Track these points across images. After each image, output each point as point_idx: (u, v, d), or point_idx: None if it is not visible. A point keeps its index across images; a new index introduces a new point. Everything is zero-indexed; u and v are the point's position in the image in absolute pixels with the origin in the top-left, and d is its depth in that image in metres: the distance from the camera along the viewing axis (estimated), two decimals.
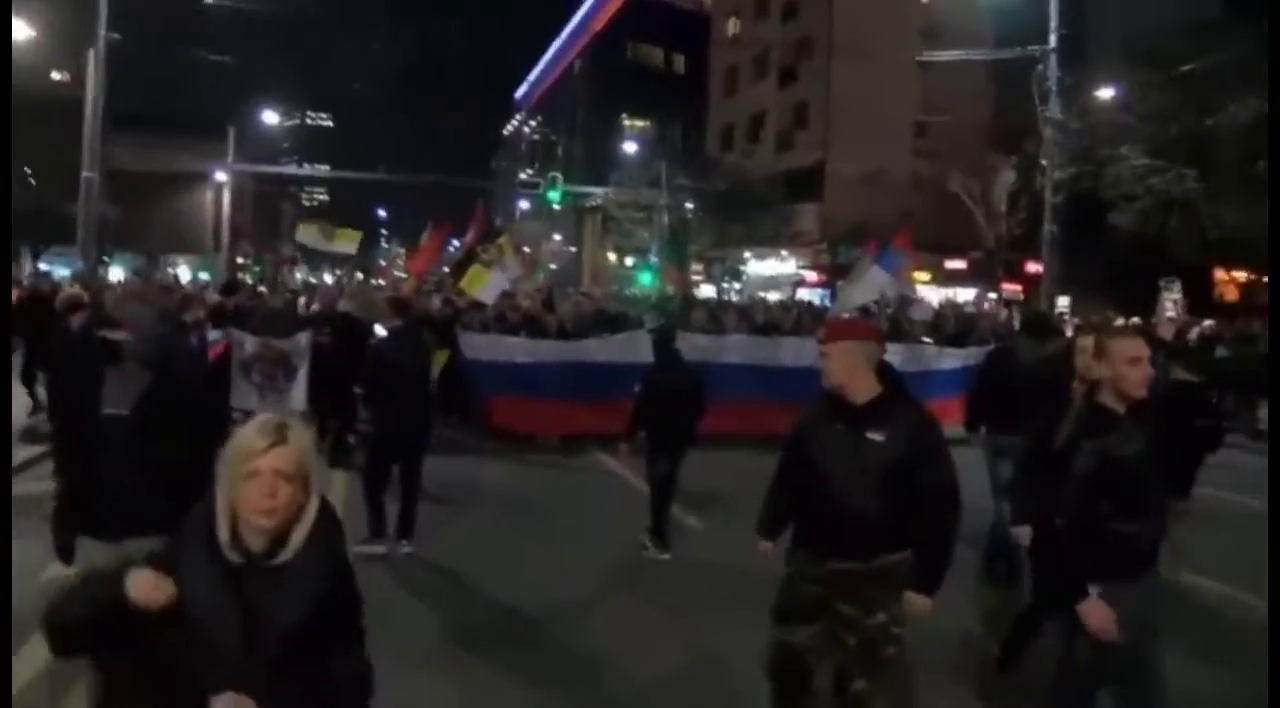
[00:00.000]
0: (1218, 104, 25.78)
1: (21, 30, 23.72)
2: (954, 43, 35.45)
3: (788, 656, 4.74)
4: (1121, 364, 4.36)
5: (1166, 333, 11.63)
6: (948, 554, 4.56)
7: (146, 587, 2.42)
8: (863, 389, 4.58)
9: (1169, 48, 28.15)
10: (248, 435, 2.55)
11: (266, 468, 2.48)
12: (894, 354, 15.36)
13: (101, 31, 19.27)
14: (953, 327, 19.78)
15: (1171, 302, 23.44)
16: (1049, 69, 22.42)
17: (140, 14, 20.86)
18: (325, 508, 2.66)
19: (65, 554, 4.74)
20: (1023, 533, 5.43)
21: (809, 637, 4.67)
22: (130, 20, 21.38)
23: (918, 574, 4.52)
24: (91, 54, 19.37)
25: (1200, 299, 28.02)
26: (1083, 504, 4.28)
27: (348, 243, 23.79)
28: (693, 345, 13.04)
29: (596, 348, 15.62)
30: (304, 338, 12.95)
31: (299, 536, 2.56)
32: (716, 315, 19.58)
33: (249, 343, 12.72)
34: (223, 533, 2.55)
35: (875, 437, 4.47)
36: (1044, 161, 22.86)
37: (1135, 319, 22.72)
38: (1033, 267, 37.55)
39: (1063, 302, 37.39)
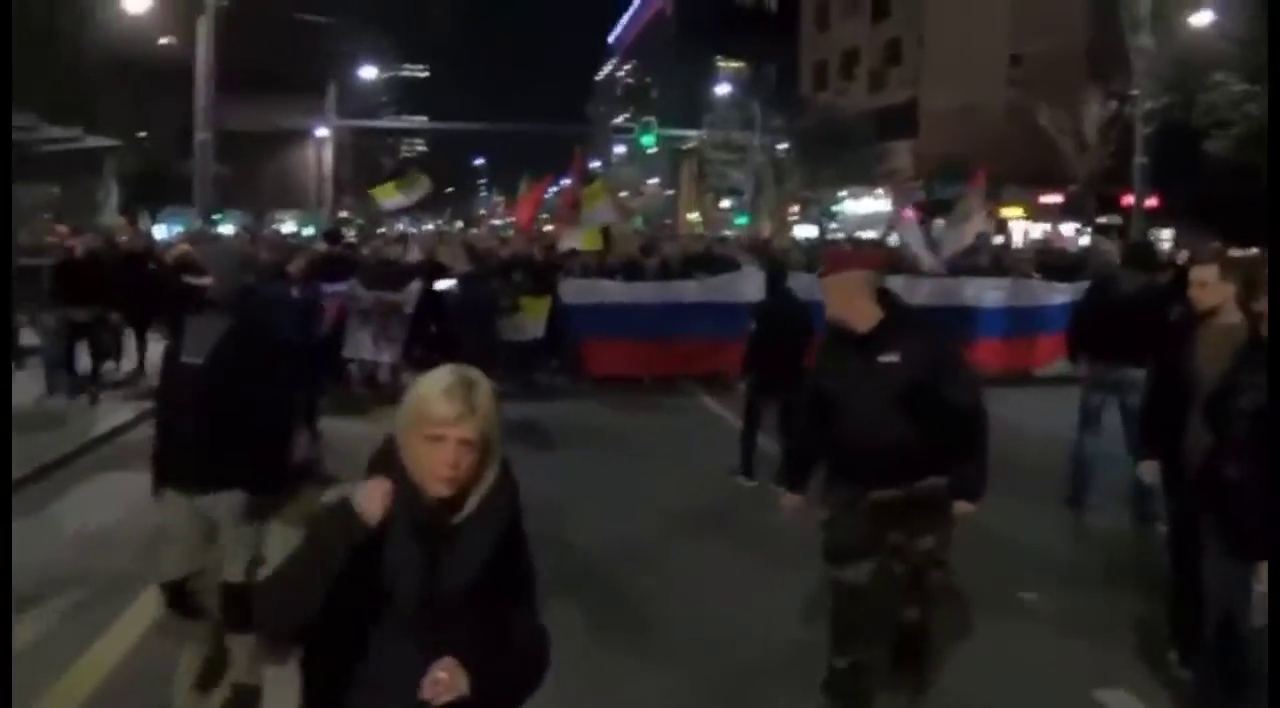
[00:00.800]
0: None
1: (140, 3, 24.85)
2: None
3: (850, 593, 4.81)
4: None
5: None
6: (984, 463, 4.68)
7: (378, 492, 2.37)
8: (864, 317, 4.68)
9: None
10: (434, 398, 2.40)
11: (453, 437, 2.37)
12: (999, 289, 16.02)
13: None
14: (1060, 260, 19.67)
15: None
16: None
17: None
18: (505, 473, 2.57)
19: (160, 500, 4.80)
20: (1149, 467, 5.73)
21: (867, 574, 4.76)
22: None
23: (960, 485, 4.67)
24: (201, 21, 20.12)
25: None
26: (1257, 445, 4.01)
27: (420, 189, 24.44)
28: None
29: (694, 289, 15.72)
30: (415, 286, 13.29)
31: (474, 500, 2.48)
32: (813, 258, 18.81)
33: (364, 296, 13.23)
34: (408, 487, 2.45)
35: (888, 359, 4.57)
36: (1135, 91, 22.69)
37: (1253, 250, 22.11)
38: (1128, 199, 37.02)
39: (1165, 234, 36.85)
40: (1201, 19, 26.76)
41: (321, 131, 48.19)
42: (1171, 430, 5.18)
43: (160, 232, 40.31)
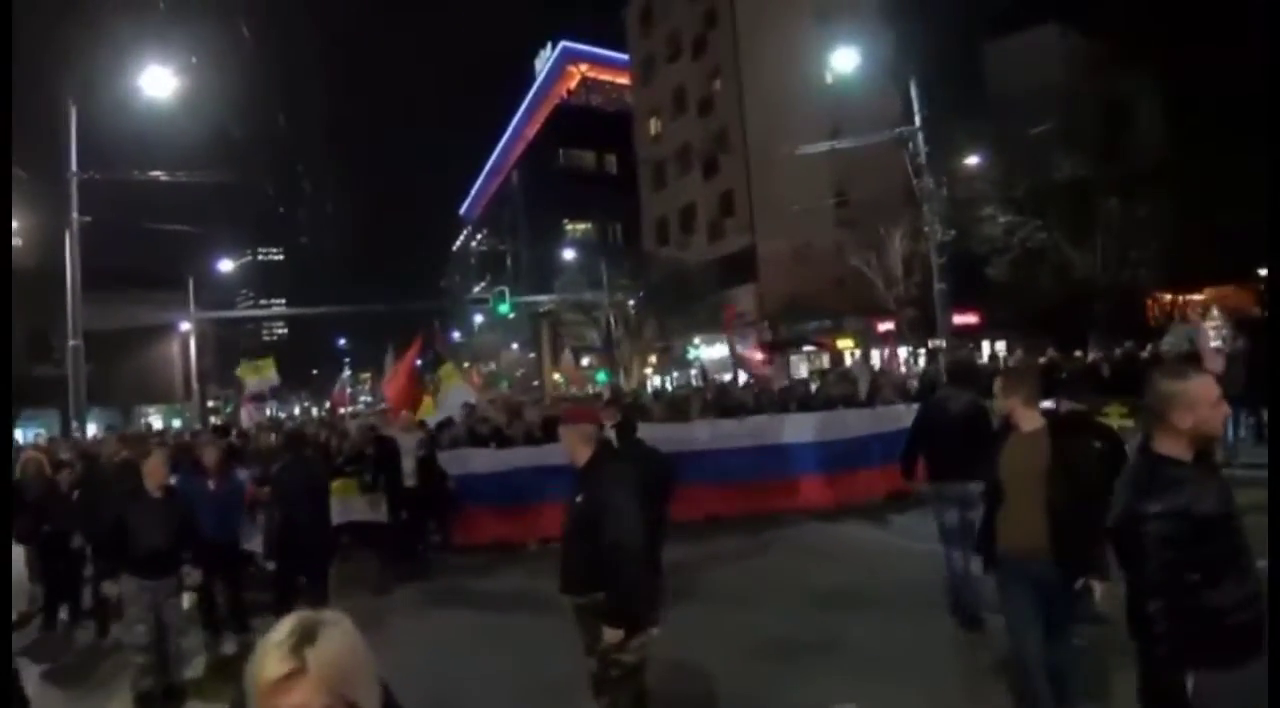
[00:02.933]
0: (1051, 163, 29.41)
1: None
2: (862, 113, 37.89)
3: None
4: (1204, 408, 3.92)
5: (1215, 365, 11.41)
6: (622, 590, 5.52)
7: None
8: (580, 458, 5.94)
9: (1013, 113, 32.15)
10: (263, 655, 2.12)
11: (285, 706, 2.06)
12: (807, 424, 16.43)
13: (74, 215, 21.27)
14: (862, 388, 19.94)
15: (1213, 329, 25.79)
16: (918, 146, 25.27)
17: (94, 189, 22.49)
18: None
19: None
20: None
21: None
22: (84, 192, 22.75)
23: (610, 603, 5.55)
24: (67, 236, 21.31)
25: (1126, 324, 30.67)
26: (1167, 577, 3.72)
27: (268, 372, 25.21)
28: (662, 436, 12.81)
29: (559, 453, 15.80)
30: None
31: None
32: (678, 405, 19.51)
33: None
34: None
35: (578, 498, 5.80)
36: (925, 228, 25.55)
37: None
38: (960, 318, 40.15)
39: (1000, 346, 40.19)
40: (971, 160, 30.69)
41: (184, 325, 49.00)
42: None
43: (20, 436, 40.45)
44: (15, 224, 25.88)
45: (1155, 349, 23.99)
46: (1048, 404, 12.88)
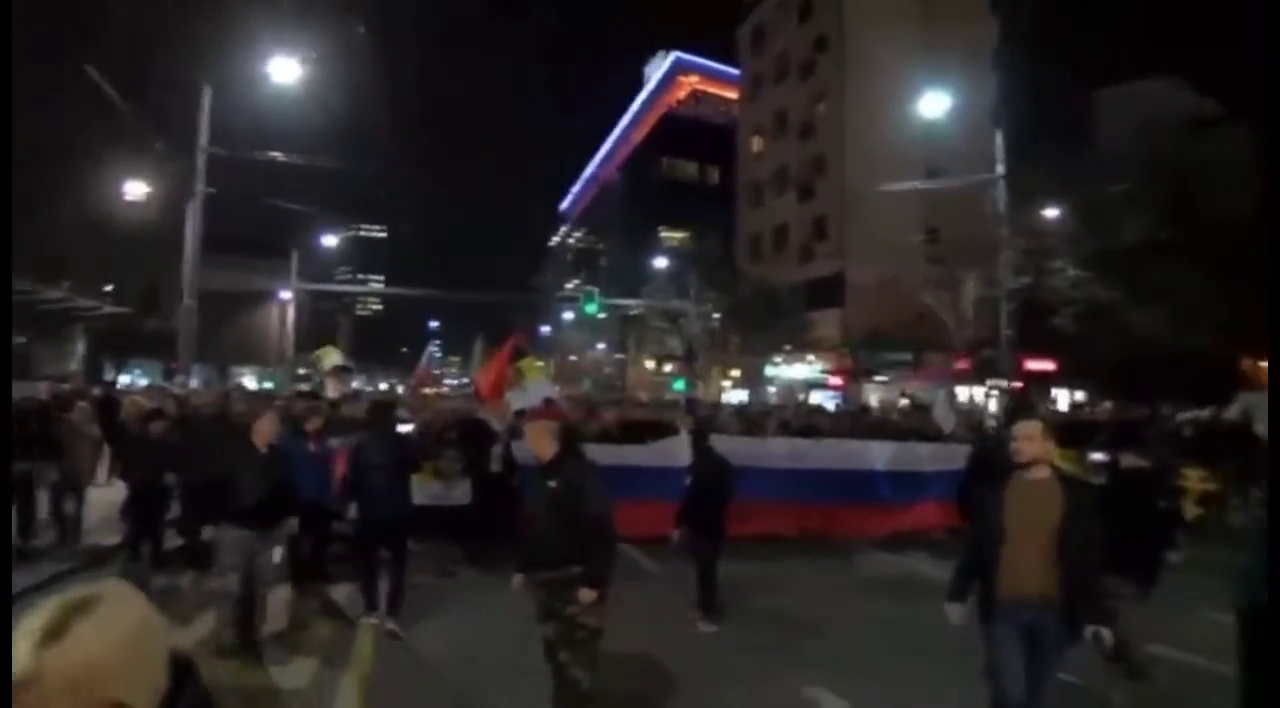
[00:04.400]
0: (1122, 222, 29.94)
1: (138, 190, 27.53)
2: (961, 152, 38.40)
3: None
4: None
5: None
6: (601, 560, 6.32)
7: None
8: (546, 452, 6.66)
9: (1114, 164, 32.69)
10: (13, 649, 1.77)
11: None
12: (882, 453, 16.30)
13: (199, 186, 22.93)
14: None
15: None
16: (998, 194, 26.00)
17: (216, 162, 24.02)
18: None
19: None
20: (950, 610, 6.11)
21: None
22: (209, 165, 24.38)
23: (586, 574, 6.26)
24: (190, 205, 22.98)
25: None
26: None
27: (333, 357, 26.51)
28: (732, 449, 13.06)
29: (634, 453, 15.65)
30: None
31: None
32: (756, 421, 19.89)
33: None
34: None
35: (550, 483, 6.51)
36: (1000, 274, 26.26)
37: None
38: (1032, 364, 40.60)
39: (1065, 394, 40.59)
40: (1050, 212, 31.28)
41: (284, 294, 50.98)
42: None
43: (126, 380, 42.60)
44: (145, 189, 27.72)
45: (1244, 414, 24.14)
46: (1099, 457, 13.46)
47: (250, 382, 50.86)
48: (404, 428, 14.27)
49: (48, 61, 24.54)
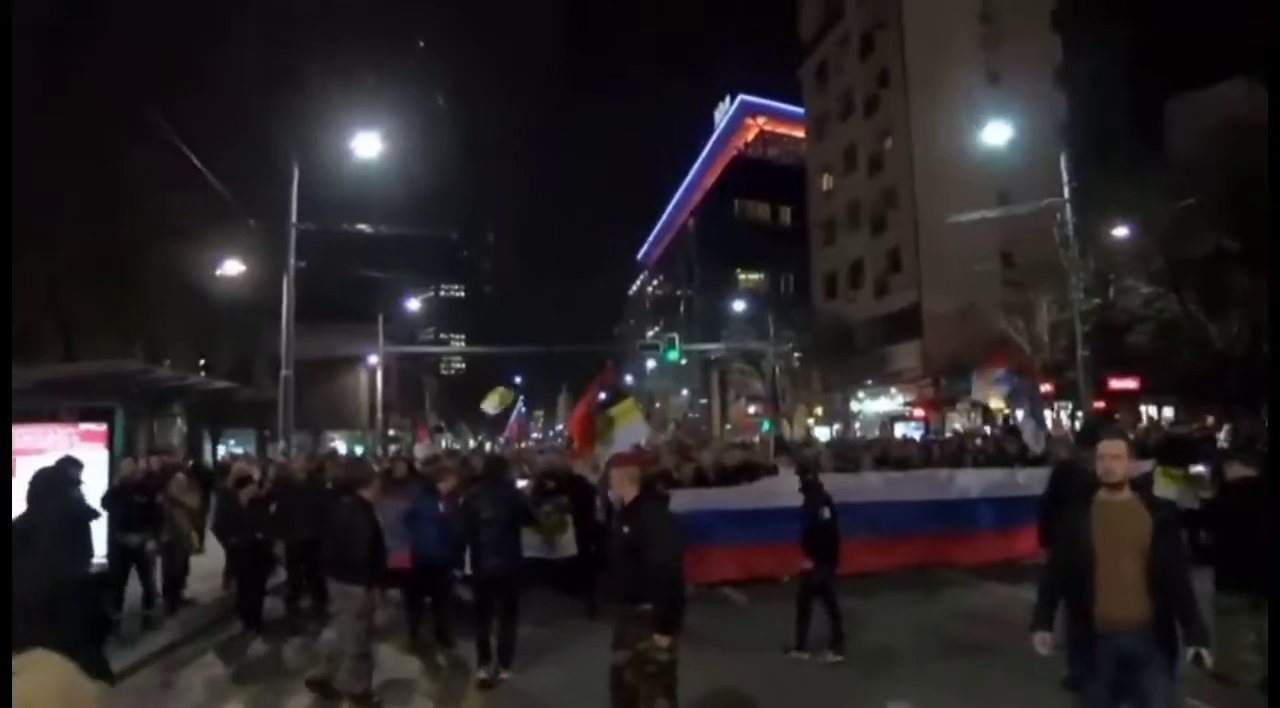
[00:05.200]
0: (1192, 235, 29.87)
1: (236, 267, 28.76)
2: (1032, 175, 38.45)
3: None
4: None
5: None
6: (671, 601, 6.80)
7: None
8: (627, 495, 7.30)
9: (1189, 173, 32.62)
10: None
11: None
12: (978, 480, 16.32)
13: (291, 260, 23.98)
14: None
15: None
16: (1065, 218, 26.15)
17: (306, 235, 25.00)
18: None
19: None
20: (1039, 639, 5.95)
21: None
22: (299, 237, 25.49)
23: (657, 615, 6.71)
24: (285, 280, 24.05)
25: None
26: None
27: (504, 401, 27.52)
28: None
29: (735, 496, 15.65)
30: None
31: None
32: (847, 456, 19.81)
33: None
34: None
35: (625, 528, 7.11)
36: (1072, 297, 26.33)
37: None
38: (1115, 383, 40.32)
39: (1151, 411, 40.17)
40: (1120, 231, 31.26)
41: (372, 358, 52.18)
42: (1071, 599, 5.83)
43: (222, 453, 43.86)
44: (241, 267, 28.90)
45: None
46: (1201, 469, 13.39)
47: (341, 446, 52.14)
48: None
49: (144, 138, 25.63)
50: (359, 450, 42.80)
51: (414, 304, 60.96)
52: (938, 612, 13.00)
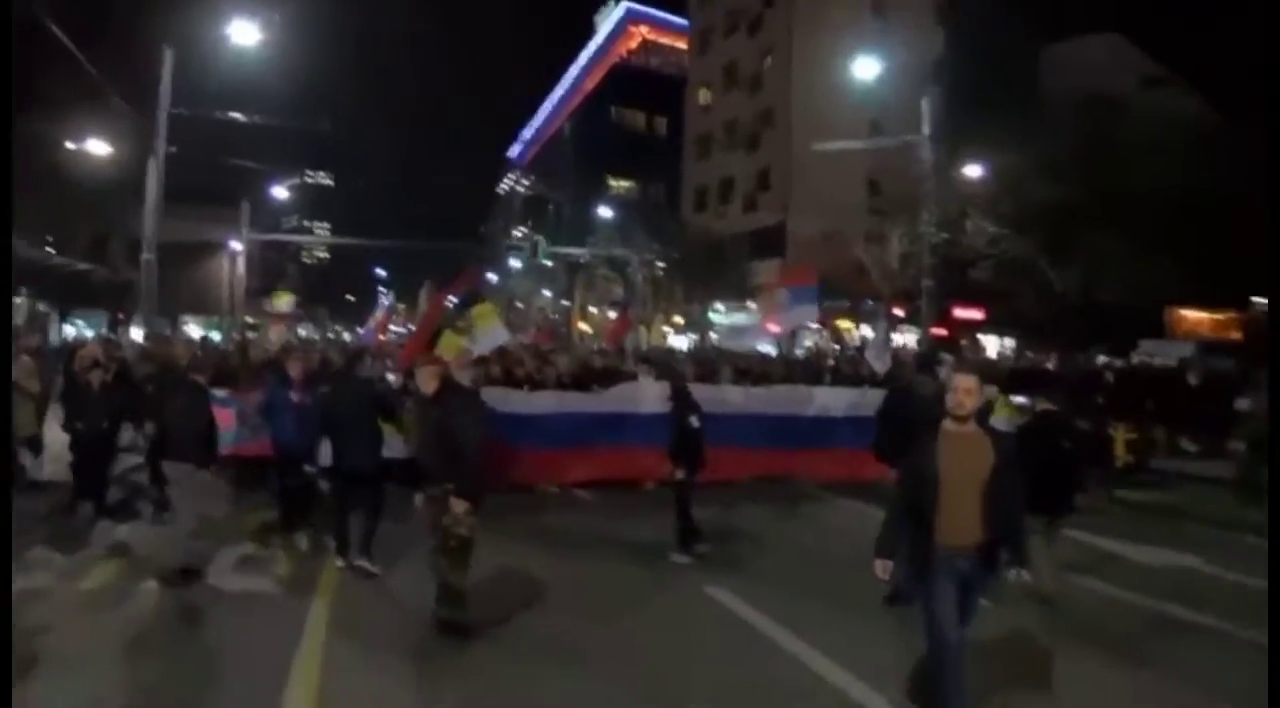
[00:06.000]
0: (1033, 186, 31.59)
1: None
2: (905, 108, 39.45)
3: None
4: None
5: None
6: (470, 471, 7.88)
7: None
8: (430, 388, 8.35)
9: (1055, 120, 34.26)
10: None
11: None
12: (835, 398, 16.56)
13: (161, 145, 23.52)
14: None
15: None
16: (923, 154, 27.19)
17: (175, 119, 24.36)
18: None
19: None
20: (880, 566, 6.27)
21: None
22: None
23: (459, 487, 7.77)
24: (151, 164, 23.58)
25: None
26: None
27: (285, 301, 27.06)
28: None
29: (594, 400, 15.81)
30: None
31: None
32: (709, 367, 19.77)
33: None
34: None
35: (434, 415, 8.17)
36: (922, 229, 27.51)
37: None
38: (960, 313, 42.09)
39: (993, 340, 42.27)
40: (975, 171, 32.67)
41: (235, 244, 51.20)
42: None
43: (71, 331, 42.65)
44: (108, 148, 28.10)
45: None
46: (1022, 400, 14.48)
47: (195, 331, 51.12)
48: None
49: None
50: (215, 336, 42.01)
51: (281, 192, 59.65)
52: (795, 526, 13.56)
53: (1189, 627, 8.82)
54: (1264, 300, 34.28)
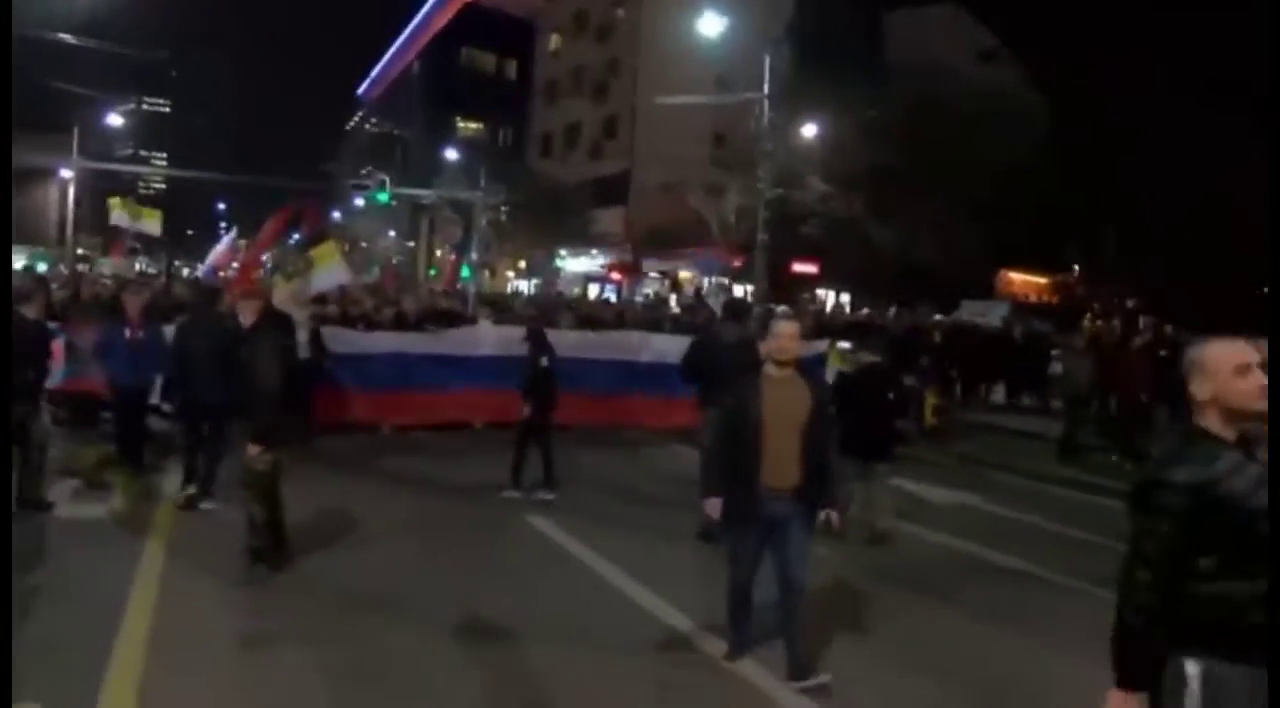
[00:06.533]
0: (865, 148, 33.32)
1: None
2: (751, 64, 40.25)
3: None
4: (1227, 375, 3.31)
5: None
6: (260, 403, 7.91)
7: None
8: (248, 321, 8.32)
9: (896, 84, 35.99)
10: None
11: None
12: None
13: None
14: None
15: None
16: (762, 112, 28.09)
17: None
18: None
19: None
20: (711, 505, 6.41)
21: None
22: None
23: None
24: None
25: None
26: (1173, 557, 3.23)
27: (152, 222, 26.46)
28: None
29: (435, 342, 16.01)
30: None
31: None
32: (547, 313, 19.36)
33: None
34: None
35: (244, 350, 8.13)
36: (759, 185, 28.46)
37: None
38: (797, 267, 43.52)
39: (844, 298, 44.08)
40: (809, 130, 34.02)
41: (64, 172, 49.41)
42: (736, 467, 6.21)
43: None
44: None
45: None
46: (847, 347, 15.50)
47: (21, 261, 49.41)
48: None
49: None
50: (41, 268, 40.66)
51: (115, 119, 57.65)
52: (631, 468, 14.16)
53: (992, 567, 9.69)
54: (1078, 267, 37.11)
